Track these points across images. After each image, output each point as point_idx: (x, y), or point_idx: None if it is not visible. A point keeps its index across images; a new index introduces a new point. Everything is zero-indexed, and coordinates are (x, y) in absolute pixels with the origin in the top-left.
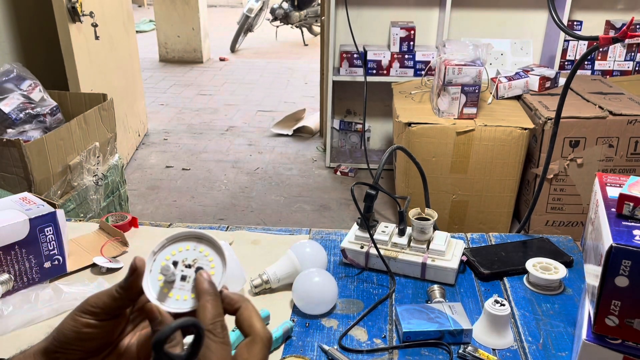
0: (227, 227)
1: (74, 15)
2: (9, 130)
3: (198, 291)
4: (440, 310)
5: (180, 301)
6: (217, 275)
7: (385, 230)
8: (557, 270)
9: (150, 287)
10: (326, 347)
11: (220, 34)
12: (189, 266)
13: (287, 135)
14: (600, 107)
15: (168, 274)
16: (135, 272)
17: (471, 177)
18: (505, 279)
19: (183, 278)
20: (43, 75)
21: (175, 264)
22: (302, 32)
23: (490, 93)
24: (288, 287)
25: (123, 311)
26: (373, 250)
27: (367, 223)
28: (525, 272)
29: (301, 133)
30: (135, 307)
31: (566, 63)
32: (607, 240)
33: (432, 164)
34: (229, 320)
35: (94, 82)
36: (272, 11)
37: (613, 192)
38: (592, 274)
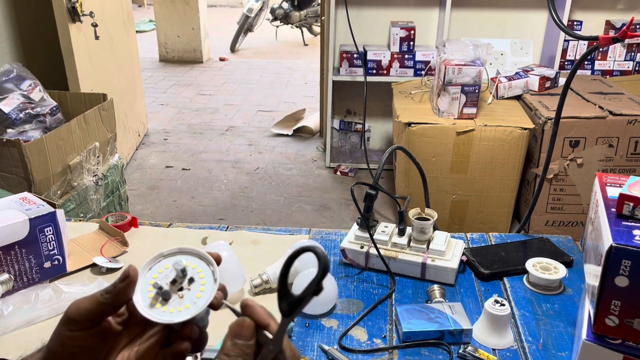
0: (227, 227)
1: (74, 15)
2: (9, 130)
3: (260, 321)
4: (440, 310)
5: (175, 313)
6: (207, 288)
7: (385, 230)
8: (557, 270)
9: (141, 300)
10: (326, 347)
11: (220, 34)
12: (176, 280)
13: (287, 135)
14: (600, 107)
15: (165, 286)
16: (128, 279)
17: (471, 177)
18: (505, 279)
19: (180, 289)
20: (43, 75)
21: (174, 281)
22: (302, 32)
23: (490, 93)
24: None
25: (106, 318)
26: (373, 250)
27: (367, 223)
28: (525, 272)
29: (301, 133)
30: (132, 320)
31: (566, 63)
32: (607, 240)
33: (432, 164)
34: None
35: (94, 82)
36: (272, 11)
37: (613, 192)
38: (592, 274)
